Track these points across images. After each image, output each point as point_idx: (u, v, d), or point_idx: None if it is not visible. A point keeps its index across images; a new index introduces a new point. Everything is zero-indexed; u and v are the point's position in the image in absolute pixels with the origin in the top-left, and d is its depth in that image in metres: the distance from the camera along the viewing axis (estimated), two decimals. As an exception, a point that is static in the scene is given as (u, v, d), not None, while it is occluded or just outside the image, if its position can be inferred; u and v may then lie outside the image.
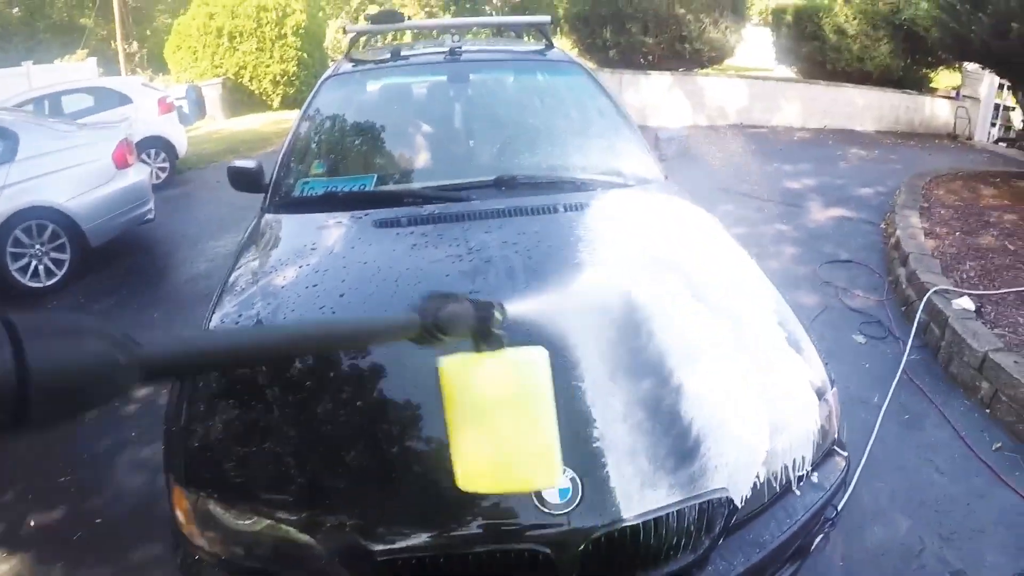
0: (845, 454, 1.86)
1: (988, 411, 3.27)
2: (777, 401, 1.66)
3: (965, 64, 12.28)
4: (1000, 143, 11.55)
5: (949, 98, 12.90)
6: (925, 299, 4.01)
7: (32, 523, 2.76)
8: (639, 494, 1.40)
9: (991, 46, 5.93)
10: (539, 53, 3.48)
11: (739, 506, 1.52)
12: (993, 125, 11.80)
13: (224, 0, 15.24)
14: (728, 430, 1.54)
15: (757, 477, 1.54)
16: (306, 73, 15.88)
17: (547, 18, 3.67)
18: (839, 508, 1.89)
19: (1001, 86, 11.23)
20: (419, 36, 11.67)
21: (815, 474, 1.72)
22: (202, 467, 1.58)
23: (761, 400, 1.63)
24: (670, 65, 10.91)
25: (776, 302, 2.02)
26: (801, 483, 1.67)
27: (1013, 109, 11.36)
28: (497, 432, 1.00)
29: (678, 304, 1.83)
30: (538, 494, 1.36)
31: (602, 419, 1.49)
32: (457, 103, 3.17)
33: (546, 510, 1.35)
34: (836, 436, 1.84)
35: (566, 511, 1.36)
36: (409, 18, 3.40)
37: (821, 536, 1.80)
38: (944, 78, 14.62)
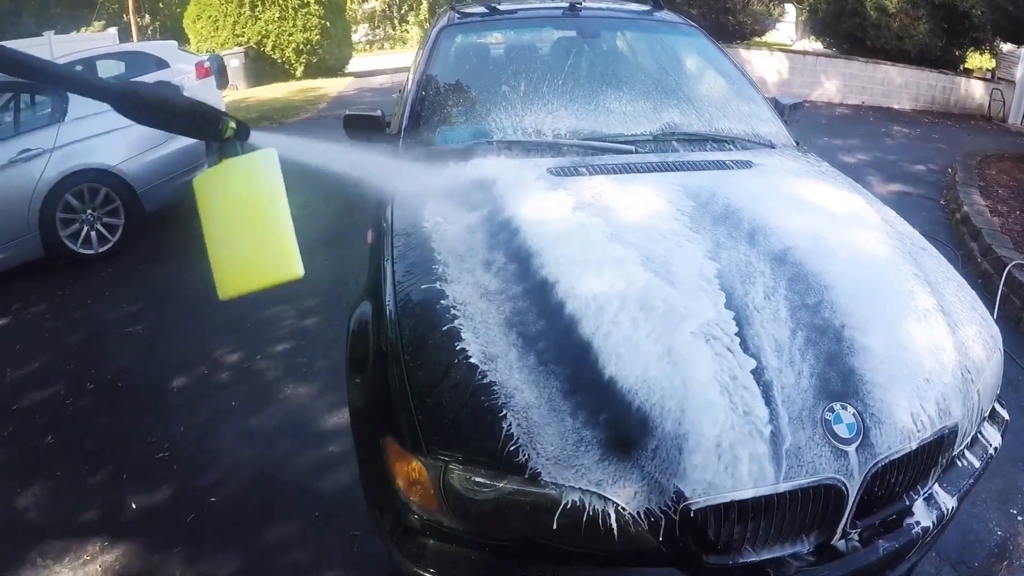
0: (1003, 403, 1.95)
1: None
2: (974, 349, 1.71)
3: (1001, 46, 12.08)
4: (1036, 126, 11.36)
5: (984, 80, 12.68)
6: (1006, 272, 4.12)
7: (134, 505, 2.55)
8: (906, 424, 1.43)
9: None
10: (648, 14, 3.47)
11: (960, 443, 1.60)
12: (1028, 108, 11.56)
13: (245, -32, 14.71)
14: (953, 368, 1.58)
15: (966, 417, 1.59)
16: (329, 42, 15.45)
17: None
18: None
19: (1038, 70, 11.01)
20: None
21: (987, 421, 1.82)
22: (433, 426, 1.40)
23: (964, 346, 1.69)
24: (713, 37, 10.77)
25: (944, 262, 2.03)
26: (983, 427, 1.78)
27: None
28: (241, 235, 1.14)
29: (886, 252, 1.90)
30: (829, 429, 1.37)
31: (866, 355, 1.51)
32: (589, 59, 3.08)
33: (839, 445, 1.36)
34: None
35: (855, 444, 1.37)
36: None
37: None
38: (974, 60, 14.39)
